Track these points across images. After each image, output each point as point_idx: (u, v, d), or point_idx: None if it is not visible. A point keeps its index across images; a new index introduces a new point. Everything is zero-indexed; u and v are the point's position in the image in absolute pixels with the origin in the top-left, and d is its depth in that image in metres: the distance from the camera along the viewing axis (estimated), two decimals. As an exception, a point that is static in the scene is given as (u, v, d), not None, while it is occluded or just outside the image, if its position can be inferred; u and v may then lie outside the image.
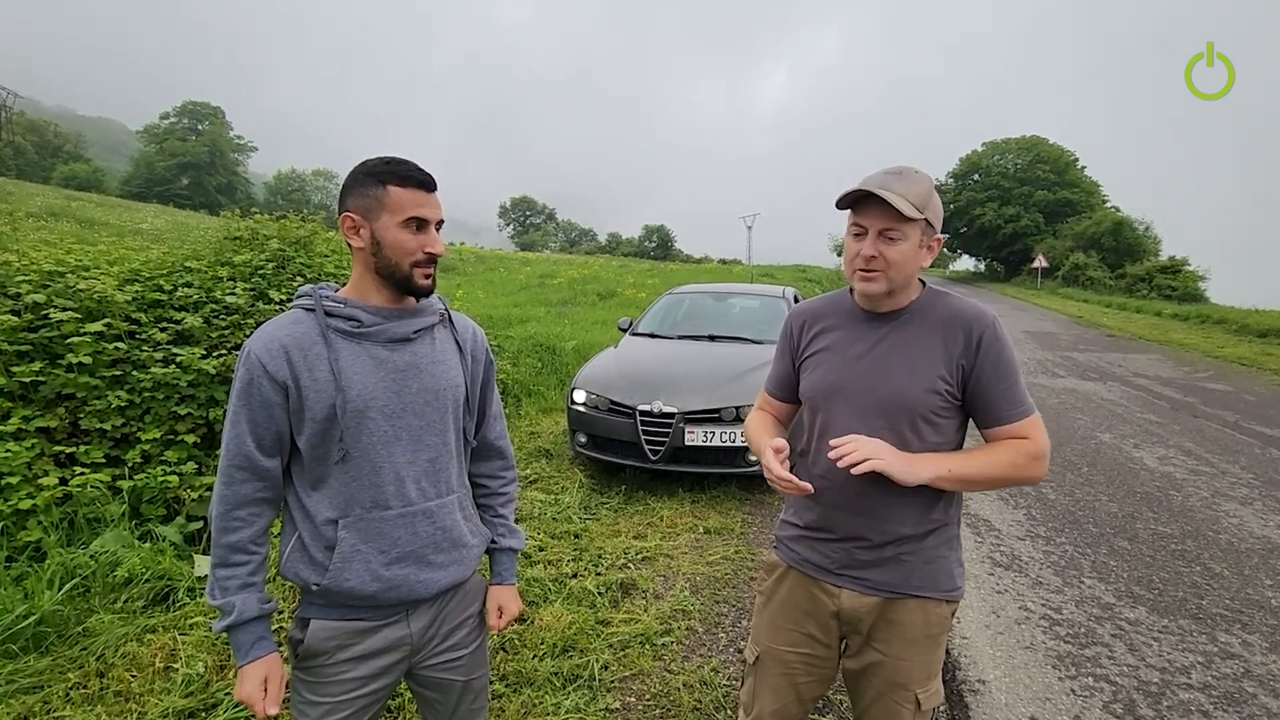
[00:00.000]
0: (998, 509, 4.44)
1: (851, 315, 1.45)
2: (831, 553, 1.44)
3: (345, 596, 1.25)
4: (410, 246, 1.24)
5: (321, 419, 1.21)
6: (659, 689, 2.50)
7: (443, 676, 1.40)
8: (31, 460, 2.93)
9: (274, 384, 1.20)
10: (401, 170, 1.23)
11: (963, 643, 2.87)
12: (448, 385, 1.35)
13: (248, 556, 1.23)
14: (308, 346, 1.22)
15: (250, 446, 1.21)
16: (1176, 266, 27.52)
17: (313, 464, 1.25)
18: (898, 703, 1.42)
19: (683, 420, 4.40)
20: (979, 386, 1.33)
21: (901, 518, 1.36)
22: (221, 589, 1.22)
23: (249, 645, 1.22)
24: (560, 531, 3.86)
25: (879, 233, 1.29)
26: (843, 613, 1.44)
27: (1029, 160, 45.57)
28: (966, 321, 1.34)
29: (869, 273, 1.32)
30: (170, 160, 61.27)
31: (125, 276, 3.76)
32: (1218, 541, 3.93)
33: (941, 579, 1.40)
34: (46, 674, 2.32)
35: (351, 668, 1.28)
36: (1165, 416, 7.17)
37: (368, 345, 1.26)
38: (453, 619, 1.40)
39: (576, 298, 16.23)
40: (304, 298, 1.28)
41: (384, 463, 1.26)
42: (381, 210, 1.22)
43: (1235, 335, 15.08)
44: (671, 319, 6.38)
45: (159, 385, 3.32)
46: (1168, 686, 2.57)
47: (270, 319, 1.27)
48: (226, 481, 1.22)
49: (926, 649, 1.41)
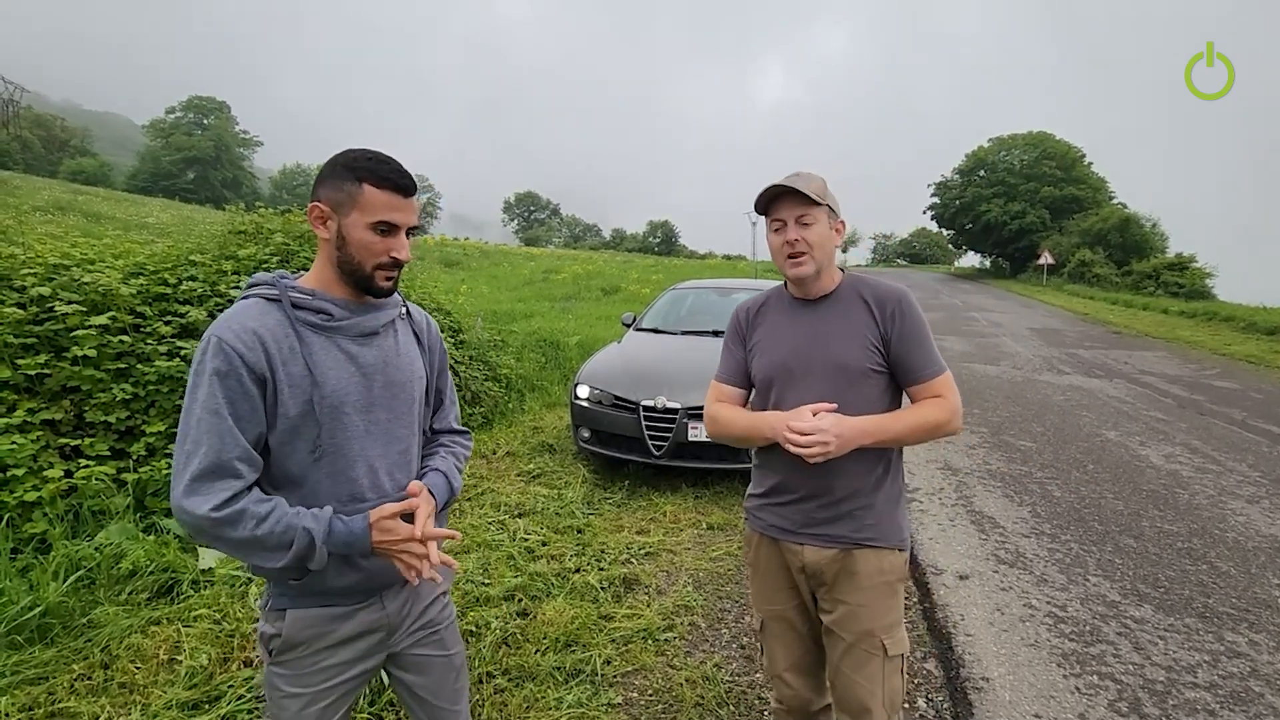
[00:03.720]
0: (1002, 506, 4.42)
1: (788, 304, 1.67)
2: (791, 514, 1.62)
3: (323, 587, 1.22)
4: (376, 249, 1.20)
5: (295, 415, 1.16)
6: (661, 684, 2.50)
7: (422, 653, 1.39)
8: (37, 453, 2.95)
9: (253, 375, 1.13)
10: (381, 170, 1.18)
11: (967, 640, 2.86)
12: (413, 378, 1.34)
13: (270, 513, 1.12)
14: (281, 339, 1.16)
15: (240, 436, 1.11)
16: (1184, 263, 27.27)
17: (280, 461, 1.19)
18: (866, 650, 1.56)
19: (686, 416, 4.39)
20: (898, 350, 1.55)
21: (848, 473, 1.55)
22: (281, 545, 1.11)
23: (345, 531, 1.16)
24: (563, 526, 3.86)
25: (795, 220, 1.52)
26: (807, 567, 1.61)
27: (1035, 156, 45.18)
28: (883, 297, 1.58)
29: (797, 257, 1.54)
30: (176, 155, 61.42)
31: (130, 270, 3.77)
32: (1224, 539, 3.91)
33: (891, 532, 1.59)
34: (51, 665, 2.33)
35: (330, 655, 1.26)
36: (1171, 414, 7.13)
37: (338, 339, 1.22)
38: (426, 596, 1.39)
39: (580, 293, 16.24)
40: (264, 286, 1.21)
41: (358, 457, 1.23)
42: (353, 207, 1.18)
43: (1243, 332, 14.96)
44: (675, 314, 6.37)
45: (163, 378, 3.33)
46: (1173, 685, 2.55)
47: (227, 309, 1.20)
48: (210, 475, 1.09)
49: (885, 595, 1.58)
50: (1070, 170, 44.63)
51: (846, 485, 1.56)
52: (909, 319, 1.56)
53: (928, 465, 5.30)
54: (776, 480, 1.64)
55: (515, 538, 3.61)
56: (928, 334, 1.58)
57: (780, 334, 1.64)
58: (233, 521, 1.08)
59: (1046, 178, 44.17)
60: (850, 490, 1.56)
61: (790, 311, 1.65)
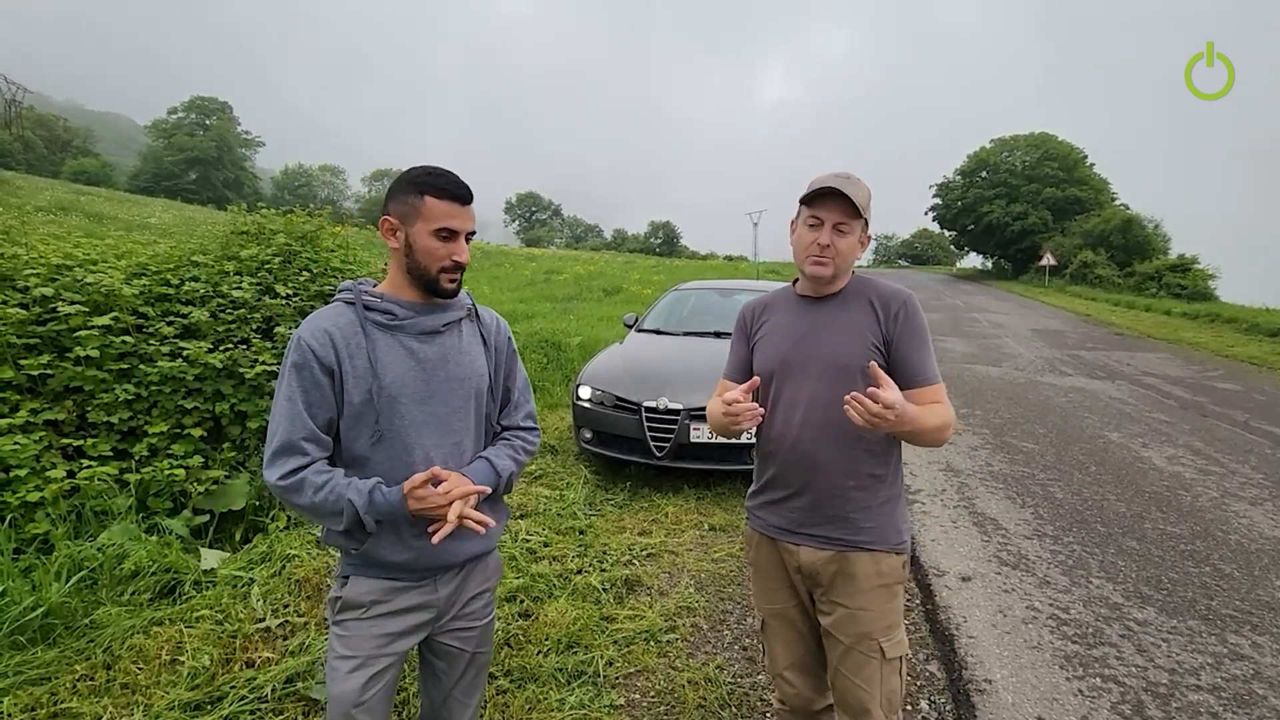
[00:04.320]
0: (1005, 508, 4.42)
1: (794, 301, 1.69)
2: (788, 513, 1.63)
3: (380, 560, 1.38)
4: (439, 254, 1.36)
5: (358, 403, 1.34)
6: (663, 686, 2.50)
7: (454, 645, 1.53)
8: (39, 453, 2.95)
9: (322, 368, 1.32)
10: (439, 183, 1.34)
11: (969, 642, 2.85)
12: (472, 375, 1.46)
13: (325, 484, 1.30)
14: (350, 336, 1.35)
15: (308, 420, 1.31)
16: (1186, 265, 27.21)
17: (348, 444, 1.37)
18: (864, 653, 1.56)
19: (688, 416, 4.39)
20: (900, 351, 1.56)
21: (842, 470, 1.56)
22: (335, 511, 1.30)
23: (384, 500, 1.31)
24: (565, 527, 3.85)
25: (834, 225, 1.53)
26: (803, 568, 1.61)
27: (1037, 157, 45.08)
28: (888, 298, 1.59)
29: (821, 259, 1.55)
30: (178, 155, 61.44)
31: (133, 270, 3.77)
32: (1227, 542, 3.90)
33: (889, 534, 1.58)
34: (54, 666, 2.33)
35: (383, 623, 1.40)
36: (1174, 416, 7.12)
37: (401, 337, 1.38)
38: (473, 588, 1.53)
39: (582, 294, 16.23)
40: (345, 292, 1.41)
41: (415, 444, 1.38)
42: (417, 217, 1.34)
43: (1245, 334, 14.93)
44: (677, 315, 6.37)
45: (166, 379, 3.34)
46: (1177, 688, 2.55)
47: (314, 311, 1.40)
48: (283, 453, 1.30)
49: (884, 598, 1.57)
50: (1072, 171, 44.55)
51: (842, 484, 1.56)
52: (912, 321, 1.57)
53: (930, 466, 5.29)
54: (771, 475, 1.66)
55: (517, 539, 3.60)
56: (929, 339, 1.60)
57: (783, 329, 1.66)
58: (296, 489, 1.29)
59: (1048, 179, 44.10)
60: (845, 489, 1.56)
61: (795, 308, 1.67)
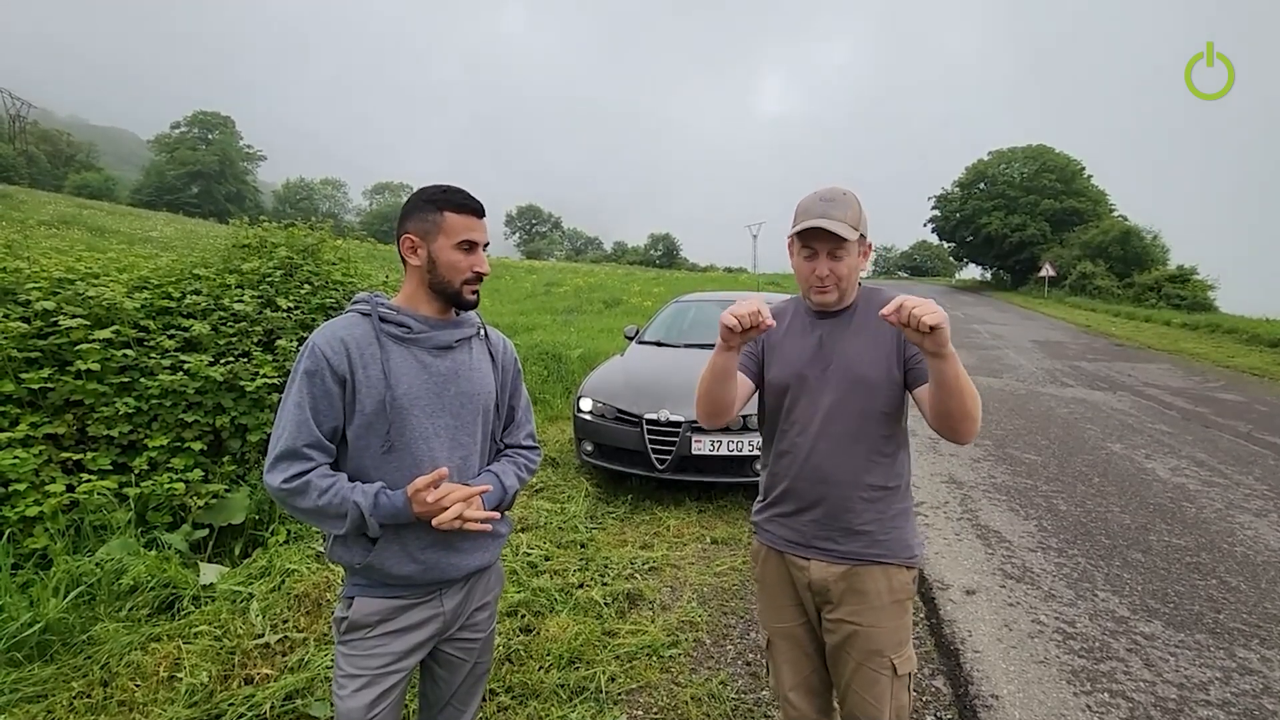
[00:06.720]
0: (1008, 520, 4.39)
1: (808, 313, 1.67)
2: (799, 526, 1.61)
3: (385, 576, 1.39)
4: (462, 266, 1.41)
5: (370, 412, 1.35)
6: (666, 702, 2.47)
7: (456, 655, 1.55)
8: (39, 467, 2.93)
9: (335, 376, 1.34)
10: (457, 199, 1.40)
11: (975, 656, 2.82)
12: (481, 391, 1.50)
13: (330, 488, 1.31)
14: (364, 346, 1.36)
15: (314, 428, 1.32)
16: (1185, 275, 27.28)
17: (358, 454, 1.38)
18: (874, 670, 1.54)
19: (690, 429, 4.38)
20: (915, 358, 1.52)
21: (856, 482, 1.54)
22: (339, 514, 1.30)
23: (389, 504, 1.33)
24: (566, 541, 3.83)
25: (828, 253, 1.53)
26: (813, 583, 1.59)
27: (1035, 169, 45.33)
28: None
29: (823, 288, 1.56)
30: (180, 169, 61.74)
31: (134, 284, 3.77)
32: (1233, 554, 3.87)
33: (900, 547, 1.57)
34: (51, 682, 2.30)
35: (390, 641, 1.41)
36: (1176, 427, 7.10)
37: (414, 350, 1.41)
38: (477, 600, 1.55)
39: (582, 306, 16.25)
40: (361, 303, 1.43)
41: (424, 456, 1.39)
42: (438, 233, 1.39)
43: (1246, 345, 14.93)
44: (678, 327, 6.37)
45: (167, 392, 3.33)
46: (1185, 703, 2.52)
47: (328, 320, 1.42)
48: (287, 458, 1.31)
49: (895, 614, 1.56)
50: (1070, 183, 44.79)
51: (855, 497, 1.54)
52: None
53: (933, 479, 5.27)
54: (784, 489, 1.63)
55: (518, 553, 3.58)
56: None
57: (798, 343, 1.64)
58: (301, 492, 1.30)
59: (1047, 190, 44.33)
60: (858, 502, 1.54)
61: (808, 321, 1.66)
